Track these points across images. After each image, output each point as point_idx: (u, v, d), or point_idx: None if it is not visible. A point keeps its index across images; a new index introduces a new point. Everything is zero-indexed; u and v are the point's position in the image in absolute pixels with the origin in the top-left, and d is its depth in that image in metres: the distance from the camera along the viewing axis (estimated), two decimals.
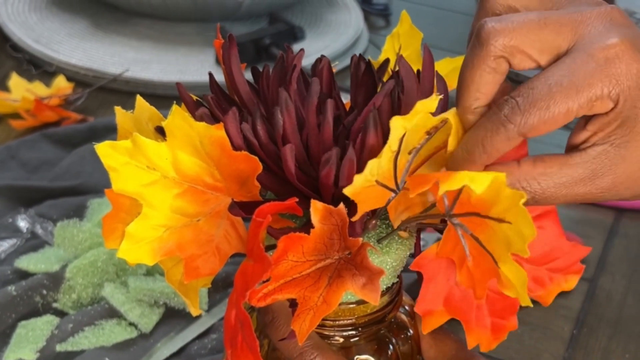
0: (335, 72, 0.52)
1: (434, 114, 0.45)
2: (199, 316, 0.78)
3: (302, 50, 0.50)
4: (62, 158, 0.96)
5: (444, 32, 1.28)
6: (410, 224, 0.47)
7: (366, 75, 0.51)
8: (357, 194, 0.43)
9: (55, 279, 0.79)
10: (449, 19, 1.38)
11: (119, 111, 0.51)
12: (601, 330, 0.83)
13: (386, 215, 0.47)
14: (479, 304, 0.48)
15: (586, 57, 0.43)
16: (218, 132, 0.45)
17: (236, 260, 0.46)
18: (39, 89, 1.05)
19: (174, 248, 0.46)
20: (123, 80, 1.10)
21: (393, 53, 0.57)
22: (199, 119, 0.47)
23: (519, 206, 0.41)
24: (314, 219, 0.44)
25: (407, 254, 0.50)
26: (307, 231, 0.44)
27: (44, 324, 0.76)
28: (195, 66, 1.14)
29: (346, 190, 0.43)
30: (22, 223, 0.87)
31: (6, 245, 0.85)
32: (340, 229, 0.44)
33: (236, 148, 0.46)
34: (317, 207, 0.43)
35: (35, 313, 0.78)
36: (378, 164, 0.43)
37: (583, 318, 0.84)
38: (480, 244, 0.44)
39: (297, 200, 0.44)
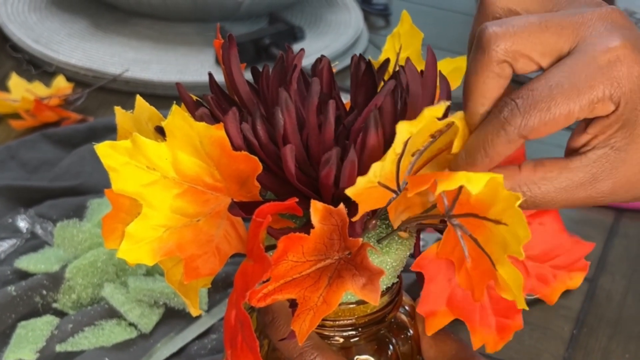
0: (335, 72, 0.52)
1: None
2: (199, 316, 0.78)
3: (302, 50, 0.50)
4: (61, 158, 0.96)
5: (444, 32, 1.28)
6: (410, 224, 0.47)
7: (366, 75, 0.50)
8: (358, 194, 0.43)
9: (55, 279, 0.79)
10: (449, 19, 1.38)
11: (118, 111, 0.50)
12: (601, 330, 0.83)
13: (386, 216, 0.47)
14: (482, 303, 0.48)
15: (588, 59, 0.43)
16: (218, 132, 0.45)
17: (236, 261, 0.46)
18: (38, 89, 1.05)
19: (174, 248, 0.46)
20: (123, 80, 1.10)
21: (393, 53, 0.57)
22: (199, 119, 0.47)
23: (515, 208, 0.41)
24: (314, 219, 0.44)
25: (407, 254, 0.50)
26: (307, 231, 0.44)
27: (44, 324, 0.76)
28: (195, 66, 1.14)
29: (348, 191, 0.43)
30: (22, 223, 0.87)
31: (6, 245, 0.84)
32: (340, 229, 0.44)
33: (236, 148, 0.46)
34: (317, 208, 0.43)
35: (35, 313, 0.78)
36: (381, 166, 0.43)
37: (583, 318, 0.84)
38: (479, 245, 0.44)
39: (297, 200, 0.44)
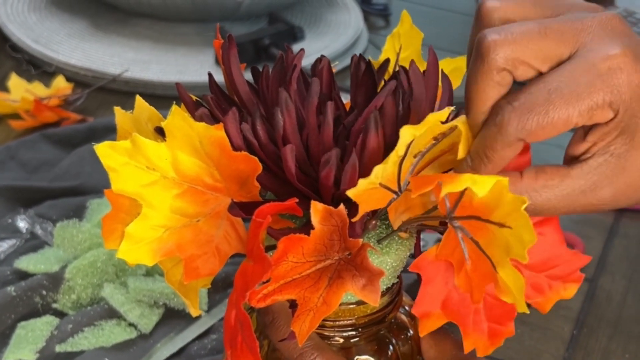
0: (335, 72, 0.52)
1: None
2: (199, 317, 0.78)
3: (302, 51, 0.50)
4: (61, 158, 0.96)
5: (444, 32, 1.28)
6: (411, 225, 0.47)
7: (366, 75, 0.50)
8: (358, 195, 0.43)
9: (55, 280, 0.79)
10: (449, 19, 1.38)
11: (118, 111, 0.50)
12: (601, 331, 0.83)
13: (386, 216, 0.47)
14: (476, 308, 0.48)
15: (588, 65, 0.43)
16: (218, 132, 0.45)
17: (236, 261, 0.46)
18: (38, 89, 1.05)
19: (174, 248, 0.46)
20: (122, 80, 1.10)
21: (393, 53, 0.57)
22: (199, 119, 0.47)
23: (520, 211, 0.41)
24: (314, 219, 0.43)
25: (407, 254, 0.50)
26: (307, 232, 0.44)
27: (44, 325, 0.76)
28: (195, 66, 1.14)
29: (349, 192, 0.43)
30: (22, 223, 0.87)
31: (6, 245, 0.84)
32: (340, 229, 0.44)
33: (236, 148, 0.46)
34: (317, 208, 0.43)
35: (34, 314, 0.78)
36: (383, 169, 0.43)
37: (583, 318, 0.84)
38: (480, 248, 0.44)
39: (297, 200, 0.44)
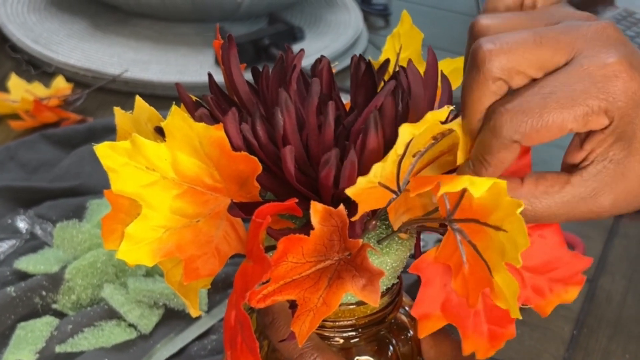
0: (335, 72, 0.52)
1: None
2: (199, 317, 0.78)
3: (302, 51, 0.50)
4: (61, 159, 0.96)
5: (444, 32, 1.28)
6: (410, 226, 0.47)
7: (366, 75, 0.50)
8: (358, 194, 0.43)
9: (55, 280, 0.79)
10: (449, 19, 1.38)
11: (118, 112, 0.50)
12: (601, 331, 0.83)
13: (386, 216, 0.47)
14: (476, 310, 0.48)
15: (583, 73, 0.43)
16: (217, 132, 0.45)
17: (236, 261, 0.46)
18: (38, 89, 1.05)
19: (174, 249, 0.46)
20: (122, 80, 1.10)
21: (393, 53, 0.57)
22: (199, 119, 0.47)
23: (516, 215, 0.41)
24: (314, 220, 0.43)
25: (407, 254, 0.49)
26: (306, 232, 0.44)
27: (44, 325, 0.76)
28: (195, 67, 1.14)
29: (348, 191, 0.42)
30: (22, 224, 0.87)
31: (5, 246, 0.84)
32: (340, 230, 0.44)
33: (236, 149, 0.46)
34: (316, 209, 0.43)
35: (34, 314, 0.78)
36: (382, 168, 0.43)
37: (583, 318, 0.84)
38: (477, 252, 0.44)
39: (296, 201, 0.44)
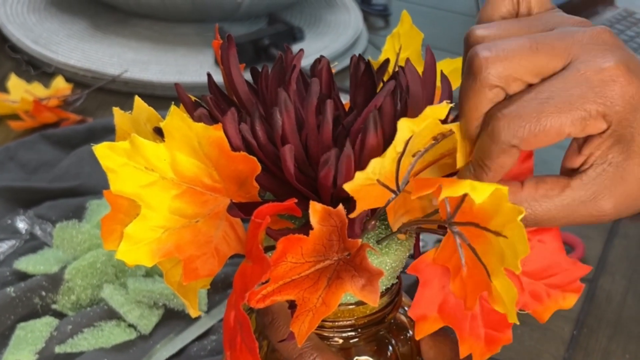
0: (334, 72, 0.52)
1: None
2: (198, 317, 0.78)
3: (302, 51, 0.50)
4: (61, 159, 0.96)
5: (444, 32, 1.28)
6: (410, 227, 0.47)
7: (366, 75, 0.50)
8: (357, 191, 0.43)
9: (54, 281, 0.79)
10: (449, 19, 1.38)
11: (117, 112, 0.50)
12: (601, 331, 0.83)
13: (385, 216, 0.47)
14: (473, 313, 0.48)
15: (580, 78, 0.43)
16: (217, 132, 0.45)
17: (235, 262, 0.46)
18: (37, 89, 1.05)
19: (173, 249, 0.46)
20: (122, 81, 1.10)
21: (393, 53, 0.57)
22: (198, 119, 0.47)
23: (516, 221, 0.41)
24: (313, 220, 0.43)
25: (407, 254, 0.49)
26: (306, 232, 0.44)
27: (43, 326, 0.76)
28: (194, 67, 1.14)
29: (346, 186, 0.42)
30: (21, 224, 0.87)
31: (5, 246, 0.84)
32: (340, 230, 0.44)
33: (235, 149, 0.46)
34: (316, 209, 0.43)
35: (34, 314, 0.78)
36: (381, 163, 0.43)
37: (583, 319, 0.84)
38: (476, 255, 0.44)
39: (296, 201, 0.44)
